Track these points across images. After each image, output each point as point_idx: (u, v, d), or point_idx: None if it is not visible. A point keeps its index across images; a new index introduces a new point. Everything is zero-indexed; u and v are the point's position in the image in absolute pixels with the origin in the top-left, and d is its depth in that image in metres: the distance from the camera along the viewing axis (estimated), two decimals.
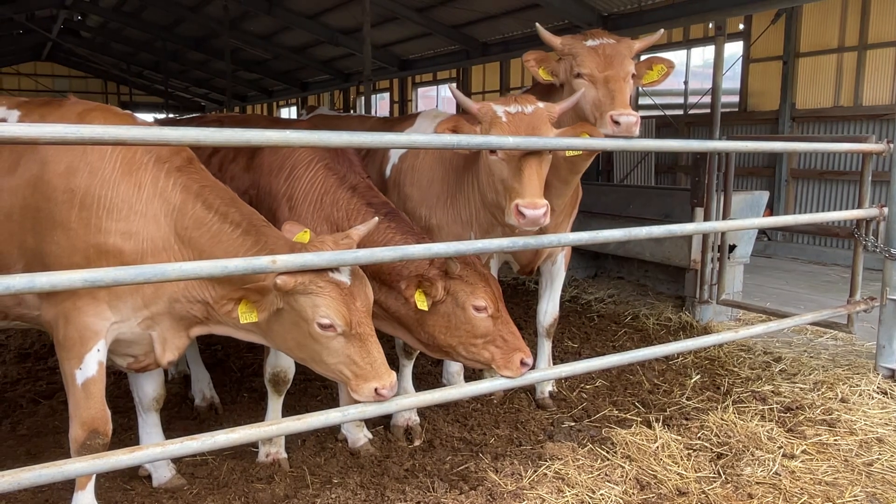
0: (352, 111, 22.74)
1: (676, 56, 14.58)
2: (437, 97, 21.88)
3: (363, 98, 14.30)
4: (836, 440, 4.20)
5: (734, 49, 12.85)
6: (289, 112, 31.22)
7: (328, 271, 2.96)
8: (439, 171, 4.55)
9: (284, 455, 4.12)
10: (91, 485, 3.36)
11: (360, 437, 4.32)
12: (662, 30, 4.50)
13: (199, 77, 30.63)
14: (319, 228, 3.86)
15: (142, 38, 25.93)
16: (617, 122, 3.77)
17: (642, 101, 15.21)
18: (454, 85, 3.94)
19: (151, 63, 29.71)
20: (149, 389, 3.86)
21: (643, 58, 4.33)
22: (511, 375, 3.46)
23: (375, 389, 3.00)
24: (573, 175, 4.39)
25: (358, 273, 3.12)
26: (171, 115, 27.41)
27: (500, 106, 3.75)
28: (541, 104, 3.79)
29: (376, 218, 3.44)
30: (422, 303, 3.46)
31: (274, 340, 3.29)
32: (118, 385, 5.14)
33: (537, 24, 4.38)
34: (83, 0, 22.84)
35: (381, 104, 24.32)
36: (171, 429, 4.44)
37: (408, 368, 4.78)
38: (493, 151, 3.69)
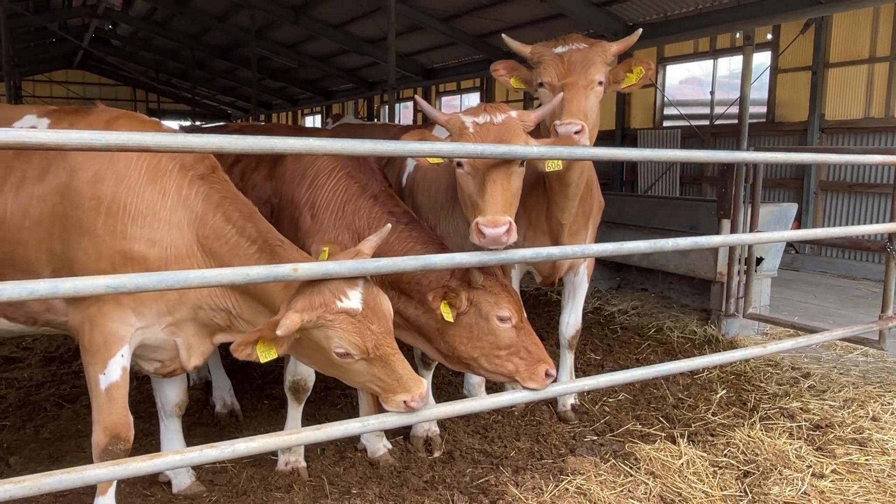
0: (376, 120, 22.87)
1: (702, 66, 14.46)
2: (460, 106, 21.91)
3: (387, 107, 14.35)
4: (867, 460, 4.09)
5: (762, 59, 12.70)
6: (313, 120, 31.47)
7: (336, 301, 2.88)
8: (444, 182, 4.46)
9: (303, 464, 4.11)
10: (112, 490, 3.39)
11: (379, 447, 4.30)
12: (640, 30, 4.34)
13: (226, 85, 31.04)
14: (341, 237, 3.86)
15: (170, 46, 26.38)
16: (557, 133, 3.62)
17: (668, 111, 15.09)
18: (419, 97, 3.93)
19: (179, 71, 30.18)
20: (172, 395, 3.89)
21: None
22: (536, 387, 3.39)
23: (405, 402, 2.99)
24: (564, 187, 4.22)
25: (372, 292, 3.00)
26: (197, 123, 27.82)
27: (469, 117, 3.56)
28: (513, 113, 3.58)
29: (389, 225, 3.40)
30: (448, 314, 3.42)
31: (300, 360, 3.33)
32: (140, 390, 5.18)
33: (503, 35, 4.28)
34: (114, 9, 23.29)
35: (405, 113, 24.43)
36: (192, 435, 4.46)
37: (427, 379, 4.74)
38: (459, 164, 3.51)
